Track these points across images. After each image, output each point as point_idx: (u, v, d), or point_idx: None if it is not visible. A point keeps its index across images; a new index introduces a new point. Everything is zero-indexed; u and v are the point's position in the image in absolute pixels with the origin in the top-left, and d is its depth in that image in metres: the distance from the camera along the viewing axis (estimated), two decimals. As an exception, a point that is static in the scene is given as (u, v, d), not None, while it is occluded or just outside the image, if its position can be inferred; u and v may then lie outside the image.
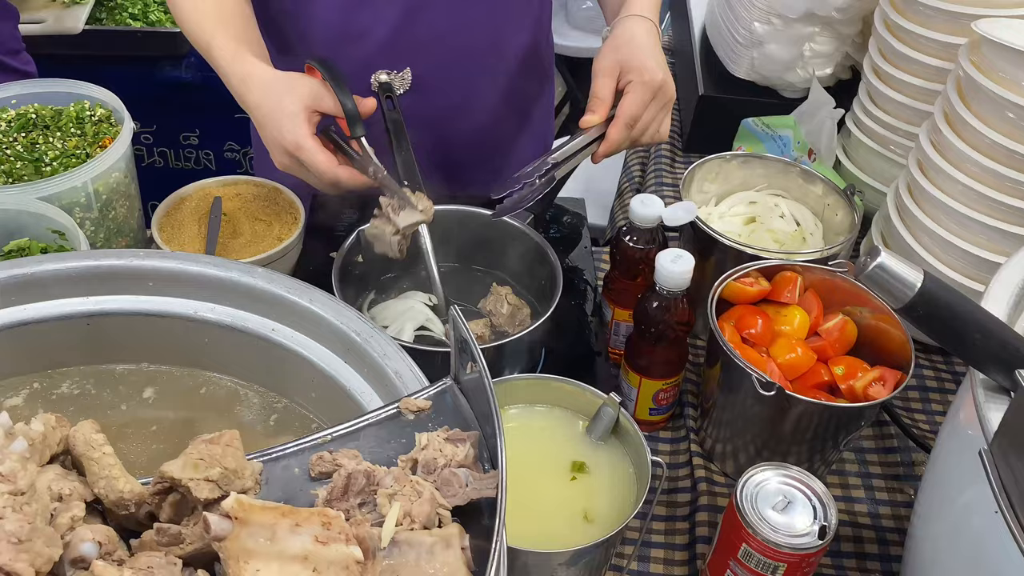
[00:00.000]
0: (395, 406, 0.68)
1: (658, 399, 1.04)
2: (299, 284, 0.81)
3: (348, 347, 0.77)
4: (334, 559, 0.51)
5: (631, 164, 1.63)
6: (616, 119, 1.07)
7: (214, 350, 0.81)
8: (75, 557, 0.50)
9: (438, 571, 0.53)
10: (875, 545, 0.98)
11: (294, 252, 1.15)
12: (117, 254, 0.82)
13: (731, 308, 1.04)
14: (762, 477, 0.86)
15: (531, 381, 0.90)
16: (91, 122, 1.22)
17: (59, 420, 0.57)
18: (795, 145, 1.39)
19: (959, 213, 1.11)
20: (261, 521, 0.51)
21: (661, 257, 0.97)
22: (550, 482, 0.86)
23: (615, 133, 1.08)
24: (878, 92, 1.35)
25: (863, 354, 1.01)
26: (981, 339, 0.71)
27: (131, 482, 0.56)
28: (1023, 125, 1.04)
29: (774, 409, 0.94)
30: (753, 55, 1.52)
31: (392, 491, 0.58)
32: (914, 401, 1.15)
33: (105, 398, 0.81)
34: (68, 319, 0.80)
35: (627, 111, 1.07)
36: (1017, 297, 0.80)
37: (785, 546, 0.81)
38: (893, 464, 1.06)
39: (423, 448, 0.62)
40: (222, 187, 1.22)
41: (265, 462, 0.62)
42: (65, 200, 1.07)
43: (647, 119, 1.09)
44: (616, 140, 1.08)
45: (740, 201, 1.25)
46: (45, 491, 0.52)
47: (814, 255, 1.10)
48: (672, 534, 0.98)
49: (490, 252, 1.15)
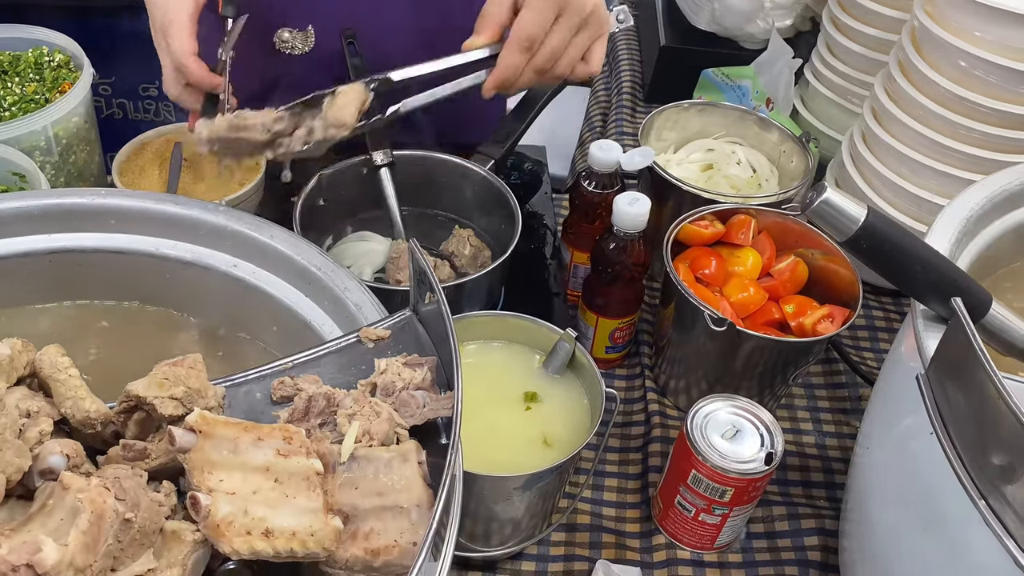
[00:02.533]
0: (355, 335, 0.70)
1: (614, 337, 1.07)
2: (259, 221, 0.82)
3: (309, 281, 0.78)
4: (295, 470, 0.53)
5: (593, 114, 1.65)
6: (508, 41, 0.92)
7: (176, 286, 0.82)
8: (44, 468, 0.51)
9: (395, 483, 0.56)
10: (821, 474, 1.02)
11: (256, 197, 1.15)
12: (78, 192, 0.83)
13: (686, 250, 1.06)
14: (712, 407, 0.89)
15: (489, 317, 0.92)
16: (50, 68, 1.21)
17: (25, 344, 0.59)
18: (754, 95, 1.42)
19: (911, 159, 1.14)
20: (224, 435, 0.52)
21: (619, 200, 0.99)
22: (507, 413, 0.88)
23: (506, 57, 0.92)
24: (836, 43, 1.38)
25: (814, 294, 1.04)
26: (921, 271, 0.74)
27: (96, 402, 0.57)
28: (974, 73, 1.06)
29: (725, 345, 0.97)
30: (714, 6, 1.53)
31: (351, 411, 0.60)
32: (863, 340, 1.18)
33: (67, 335, 0.82)
34: (30, 256, 0.81)
35: (521, 30, 0.91)
36: (959, 235, 0.83)
37: (732, 471, 0.84)
38: (841, 399, 1.10)
39: (382, 372, 0.64)
40: (183, 133, 1.21)
41: (228, 387, 0.64)
42: (25, 144, 1.07)
43: (556, 43, 0.92)
44: (508, 65, 0.92)
45: (698, 148, 1.27)
46: (13, 408, 0.54)
47: (769, 199, 1.12)
48: (625, 464, 1.01)
49: (451, 197, 1.16)
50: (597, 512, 0.96)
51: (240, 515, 0.50)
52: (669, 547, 0.93)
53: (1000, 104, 1.05)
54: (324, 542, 0.51)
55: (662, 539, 0.93)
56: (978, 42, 1.05)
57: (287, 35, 1.16)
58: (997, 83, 1.05)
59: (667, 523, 0.93)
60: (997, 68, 1.03)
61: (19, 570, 0.43)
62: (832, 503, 0.98)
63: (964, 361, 0.63)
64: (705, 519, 0.89)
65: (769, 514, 0.96)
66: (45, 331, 0.82)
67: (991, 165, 1.08)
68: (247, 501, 0.51)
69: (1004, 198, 0.87)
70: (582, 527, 0.94)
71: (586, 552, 0.92)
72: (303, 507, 0.52)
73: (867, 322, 1.20)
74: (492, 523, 0.85)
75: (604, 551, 0.92)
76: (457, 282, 0.97)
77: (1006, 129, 1.07)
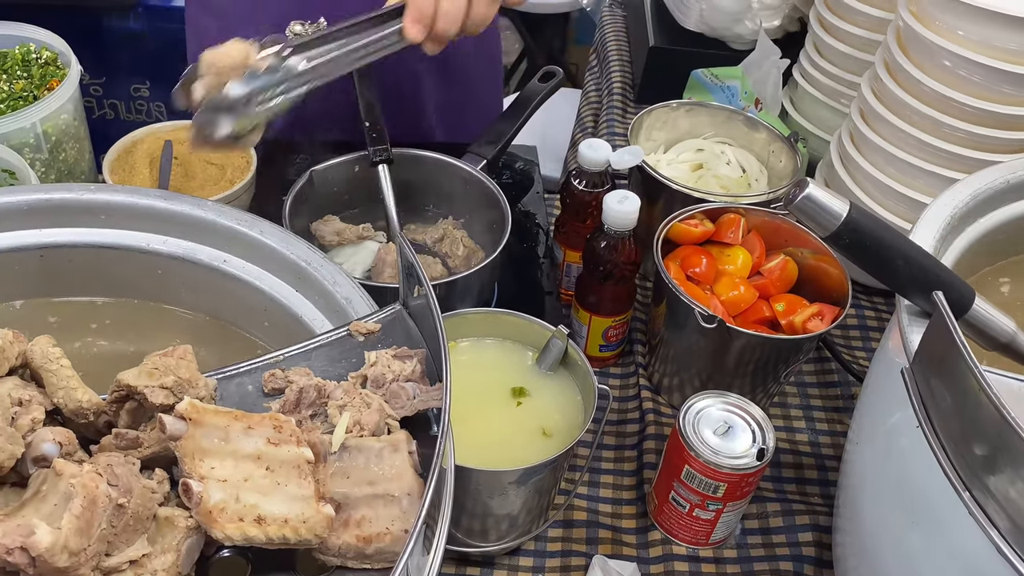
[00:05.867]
0: (345, 329, 0.70)
1: (607, 336, 1.07)
2: (249, 216, 0.82)
3: (299, 276, 0.78)
4: (286, 458, 0.53)
5: (584, 115, 1.65)
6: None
7: (166, 282, 0.82)
8: (37, 456, 0.51)
9: (386, 472, 0.56)
10: (814, 471, 1.02)
11: (246, 195, 1.15)
12: (68, 187, 0.83)
13: (677, 248, 1.07)
14: (704, 404, 0.89)
15: (482, 315, 0.93)
16: (37, 65, 1.21)
17: (16, 335, 0.59)
18: (742, 95, 1.42)
19: (898, 159, 1.15)
20: (215, 423, 0.53)
21: (608, 198, 1.00)
22: (501, 409, 0.88)
23: None
24: (823, 43, 1.38)
25: (803, 292, 1.04)
26: (904, 265, 0.74)
27: (89, 392, 0.57)
28: (958, 73, 1.07)
29: (717, 342, 0.97)
30: (702, 7, 1.54)
31: (342, 402, 0.60)
32: (855, 339, 1.19)
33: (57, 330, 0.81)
34: (21, 251, 0.81)
35: None
36: (944, 232, 0.84)
37: (725, 467, 0.84)
38: (833, 397, 1.11)
39: (372, 364, 0.64)
40: (173, 131, 1.21)
41: (220, 380, 0.64)
42: (14, 141, 1.07)
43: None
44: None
45: (687, 148, 1.27)
46: (5, 396, 0.54)
47: (758, 199, 1.13)
48: (621, 461, 1.01)
49: (443, 196, 1.17)
50: (593, 508, 0.96)
51: (232, 502, 0.50)
52: (665, 543, 0.93)
53: (984, 103, 1.06)
54: (316, 529, 0.52)
55: (658, 535, 0.94)
56: (962, 41, 1.05)
57: (299, 27, 1.17)
58: (981, 82, 1.06)
59: (662, 519, 0.93)
60: (981, 67, 1.04)
61: (13, 553, 0.43)
62: (826, 499, 0.99)
63: (946, 355, 0.64)
64: (699, 515, 0.89)
65: (764, 510, 0.96)
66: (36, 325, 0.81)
67: (977, 164, 1.08)
68: (239, 488, 0.51)
69: (989, 195, 0.87)
70: (579, 523, 0.94)
71: (583, 548, 0.92)
72: (295, 494, 0.52)
73: (859, 322, 1.21)
74: (488, 519, 0.85)
75: (601, 547, 0.92)
76: (449, 279, 0.97)
77: (990, 128, 1.07)
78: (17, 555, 0.43)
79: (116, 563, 0.48)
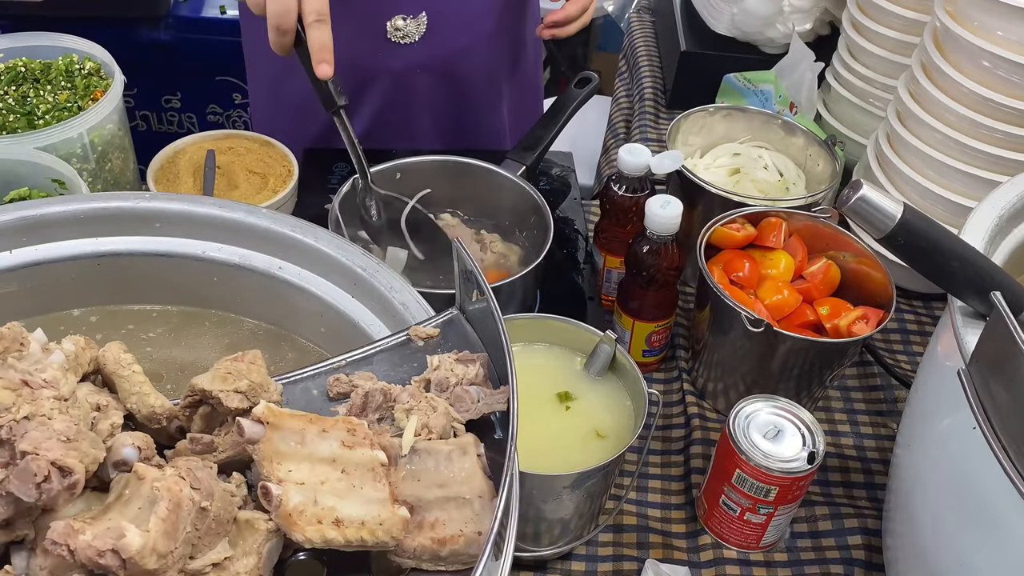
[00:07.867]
0: (404, 334, 0.70)
1: (651, 341, 1.08)
2: (303, 223, 0.82)
3: (354, 281, 0.79)
4: (361, 461, 0.53)
5: (616, 121, 1.66)
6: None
7: (223, 289, 0.83)
8: (117, 460, 0.52)
9: (456, 475, 0.56)
10: (861, 475, 1.02)
11: (290, 204, 1.16)
12: (122, 196, 0.84)
13: (719, 253, 1.07)
14: (753, 408, 0.89)
15: (530, 320, 0.93)
16: (81, 75, 1.23)
17: (87, 342, 0.59)
18: (776, 99, 1.43)
19: (937, 161, 1.15)
20: (290, 426, 0.53)
21: (651, 203, 1.00)
22: (553, 413, 0.89)
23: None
24: (856, 46, 1.38)
25: (846, 296, 1.04)
26: (959, 266, 0.74)
27: (160, 398, 0.58)
28: (998, 73, 1.07)
29: (762, 346, 0.97)
30: (733, 11, 1.54)
31: (408, 406, 0.60)
32: (896, 344, 1.19)
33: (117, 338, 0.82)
34: (79, 259, 0.81)
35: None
36: (992, 233, 0.84)
37: (776, 470, 0.84)
38: (877, 401, 1.10)
39: (435, 369, 0.65)
40: (215, 141, 1.23)
41: (284, 384, 0.64)
42: (61, 151, 1.08)
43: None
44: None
45: (724, 153, 1.28)
46: (84, 401, 0.55)
47: (797, 203, 1.13)
48: (668, 466, 1.02)
49: (482, 202, 1.17)
50: (643, 513, 0.97)
51: (310, 505, 0.51)
52: (716, 547, 0.93)
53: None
54: (392, 531, 0.52)
55: (708, 539, 0.94)
56: (1001, 42, 1.05)
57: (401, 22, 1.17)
58: (1021, 83, 1.05)
59: (713, 523, 0.93)
60: (1020, 68, 1.04)
61: (105, 555, 0.44)
62: (873, 503, 0.99)
63: (1006, 354, 0.63)
64: (750, 518, 0.89)
65: (812, 514, 0.96)
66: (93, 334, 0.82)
67: (1016, 166, 1.08)
68: (316, 491, 0.51)
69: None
70: (629, 528, 0.95)
71: (634, 552, 0.92)
72: (370, 497, 0.52)
73: (899, 326, 1.21)
74: (542, 523, 0.85)
75: (652, 551, 0.93)
76: (495, 284, 0.97)
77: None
78: (109, 557, 0.44)
79: (200, 566, 0.49)
